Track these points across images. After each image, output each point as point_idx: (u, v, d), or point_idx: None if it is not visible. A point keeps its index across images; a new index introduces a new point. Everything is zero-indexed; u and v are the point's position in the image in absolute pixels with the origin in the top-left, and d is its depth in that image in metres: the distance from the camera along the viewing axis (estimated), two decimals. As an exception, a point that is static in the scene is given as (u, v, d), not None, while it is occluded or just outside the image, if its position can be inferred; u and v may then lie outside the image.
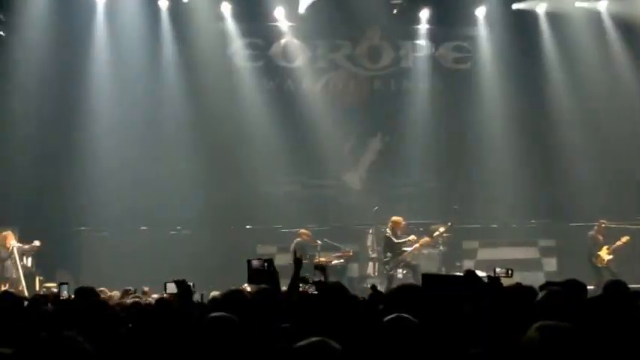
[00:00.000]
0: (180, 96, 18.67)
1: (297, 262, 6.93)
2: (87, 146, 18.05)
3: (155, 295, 10.74)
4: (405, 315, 4.04)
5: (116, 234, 17.83)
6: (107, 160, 18.01)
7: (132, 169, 17.97)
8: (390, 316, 4.00)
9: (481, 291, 4.08)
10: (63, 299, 7.66)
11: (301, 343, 2.53)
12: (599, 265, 16.89)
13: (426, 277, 4.06)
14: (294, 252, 16.02)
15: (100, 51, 18.44)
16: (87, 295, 5.55)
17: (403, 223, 16.50)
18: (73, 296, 7.00)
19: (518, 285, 5.84)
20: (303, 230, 17.24)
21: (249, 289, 8.29)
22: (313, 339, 2.54)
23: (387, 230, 16.40)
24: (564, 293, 4.39)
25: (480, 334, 3.68)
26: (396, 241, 16.27)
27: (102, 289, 10.42)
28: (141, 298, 9.30)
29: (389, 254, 16.37)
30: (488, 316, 3.87)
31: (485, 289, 4.09)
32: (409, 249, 16.37)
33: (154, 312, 5.32)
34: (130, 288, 11.11)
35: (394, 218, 16.43)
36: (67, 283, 8.31)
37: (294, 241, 16.88)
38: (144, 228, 18.09)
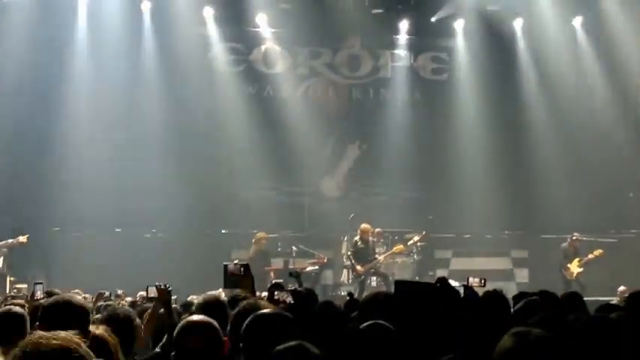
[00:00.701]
0: (158, 98, 18.48)
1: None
2: (62, 146, 17.83)
3: (129, 299, 10.70)
4: (382, 322, 4.06)
5: (89, 235, 17.64)
6: (83, 161, 17.82)
7: (108, 171, 17.78)
8: (366, 323, 4.03)
9: (454, 298, 4.11)
10: (37, 299, 7.60)
11: (279, 347, 2.55)
12: (569, 278, 17.01)
13: (398, 283, 4.08)
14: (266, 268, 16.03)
15: (79, 51, 18.24)
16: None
17: (371, 230, 16.56)
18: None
19: (495, 291, 5.93)
20: (261, 234, 16.96)
21: (224, 294, 8.28)
22: (291, 342, 2.56)
23: (355, 238, 16.48)
24: (540, 303, 4.44)
25: (458, 342, 3.72)
26: (349, 254, 16.43)
27: (77, 290, 10.35)
28: (114, 302, 9.26)
29: (348, 262, 16.60)
30: (463, 324, 3.90)
31: (457, 297, 4.12)
32: (381, 257, 16.50)
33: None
34: (104, 291, 11.05)
35: (362, 226, 16.47)
36: (41, 283, 8.26)
37: (252, 250, 16.72)
38: (118, 230, 17.96)
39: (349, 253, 16.61)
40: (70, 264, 16.59)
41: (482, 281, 7.33)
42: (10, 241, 15.77)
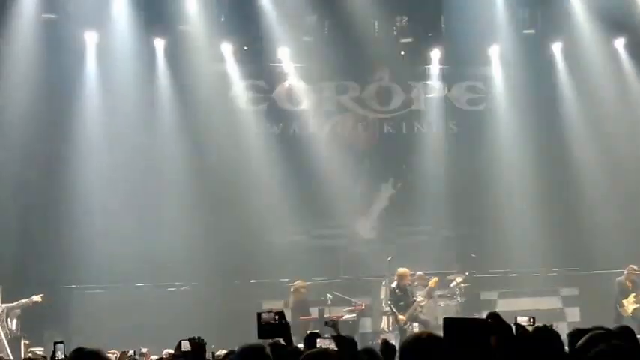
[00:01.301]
0: (179, 142, 18.64)
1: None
2: (78, 197, 17.93)
3: (154, 357, 10.75)
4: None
5: (109, 292, 17.75)
6: (100, 212, 17.97)
7: (127, 222, 17.88)
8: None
9: (507, 334, 4.10)
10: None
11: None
12: (624, 315, 16.76)
13: (447, 321, 4.10)
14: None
15: (90, 96, 18.38)
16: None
17: (409, 274, 16.58)
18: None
19: (545, 327, 5.94)
20: (300, 282, 17.16)
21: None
22: (314, 349, 2.60)
23: (393, 285, 16.54)
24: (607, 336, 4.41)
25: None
26: (389, 302, 16.52)
27: (113, 351, 10.39)
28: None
29: (387, 308, 16.70)
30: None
31: (510, 333, 4.11)
32: (420, 298, 16.50)
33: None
34: (128, 350, 11.09)
35: (399, 271, 16.52)
36: (62, 342, 8.28)
37: (291, 300, 16.91)
38: (140, 285, 18.05)
39: (389, 301, 16.63)
40: (89, 323, 16.69)
41: (532, 320, 7.35)
42: (23, 300, 15.69)
